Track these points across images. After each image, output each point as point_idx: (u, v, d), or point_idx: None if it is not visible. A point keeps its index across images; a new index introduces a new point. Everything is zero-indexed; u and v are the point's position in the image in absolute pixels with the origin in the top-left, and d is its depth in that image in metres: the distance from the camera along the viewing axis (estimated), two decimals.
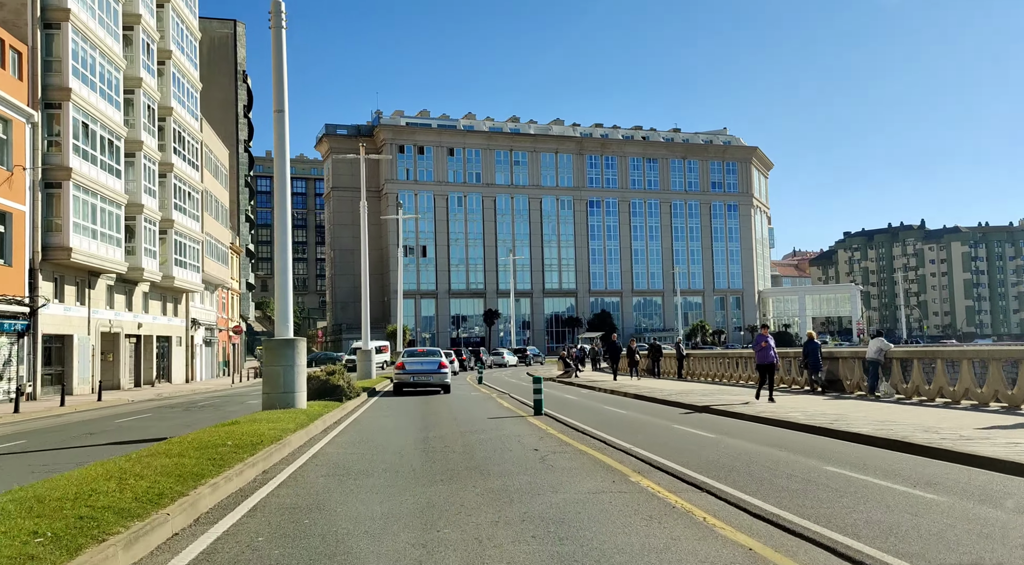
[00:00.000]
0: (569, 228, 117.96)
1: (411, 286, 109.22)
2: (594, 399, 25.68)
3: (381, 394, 30.72)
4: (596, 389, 29.36)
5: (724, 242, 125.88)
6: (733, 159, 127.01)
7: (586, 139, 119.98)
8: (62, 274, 32.88)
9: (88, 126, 33.05)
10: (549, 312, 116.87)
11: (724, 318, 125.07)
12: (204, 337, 54.63)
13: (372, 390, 30.29)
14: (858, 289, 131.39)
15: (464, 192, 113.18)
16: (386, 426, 17.30)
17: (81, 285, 34.67)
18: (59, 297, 32.62)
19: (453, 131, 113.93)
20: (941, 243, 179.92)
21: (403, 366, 31.09)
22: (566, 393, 28.55)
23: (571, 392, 29.21)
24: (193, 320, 50.33)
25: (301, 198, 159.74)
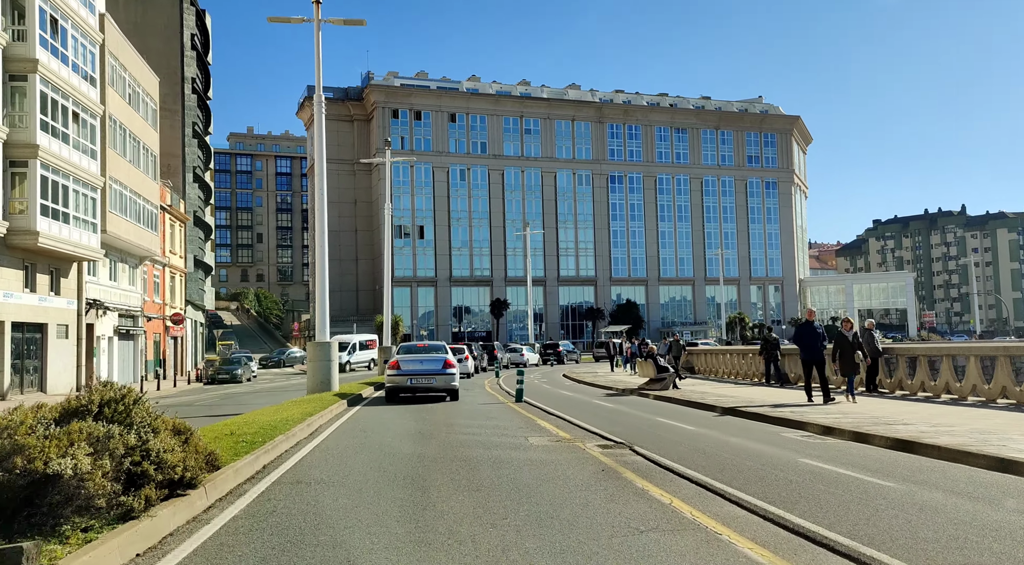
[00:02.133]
0: (587, 207, 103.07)
1: (406, 272, 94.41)
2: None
3: (367, 402, 21.19)
4: (761, 416, 14.21)
5: (762, 224, 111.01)
6: (772, 130, 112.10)
7: (606, 105, 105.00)
8: None
9: None
10: (564, 303, 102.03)
11: (763, 310, 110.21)
12: (118, 327, 39.68)
13: (356, 397, 21.44)
14: (912, 277, 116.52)
15: (467, 164, 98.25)
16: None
17: None
18: None
19: (455, 93, 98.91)
20: (985, 230, 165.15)
21: (398, 365, 21.93)
22: (744, 436, 12.92)
23: (739, 428, 13.62)
24: (92, 302, 35.41)
25: (285, 179, 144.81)
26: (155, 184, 43.65)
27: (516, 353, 49.40)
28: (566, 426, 13.75)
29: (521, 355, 49.33)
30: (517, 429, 13.27)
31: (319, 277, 22.31)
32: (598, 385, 26.74)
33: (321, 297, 22.15)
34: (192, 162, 55.79)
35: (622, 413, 15.77)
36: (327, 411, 15.73)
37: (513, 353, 49.40)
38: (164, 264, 48.27)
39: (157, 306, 47.23)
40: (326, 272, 22.11)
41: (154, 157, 43.66)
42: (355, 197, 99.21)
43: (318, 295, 22.28)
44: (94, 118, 33.61)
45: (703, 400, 17.60)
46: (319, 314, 22.29)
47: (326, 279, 22.17)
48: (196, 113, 57.58)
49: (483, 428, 13.50)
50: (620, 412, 16.13)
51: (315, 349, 21.80)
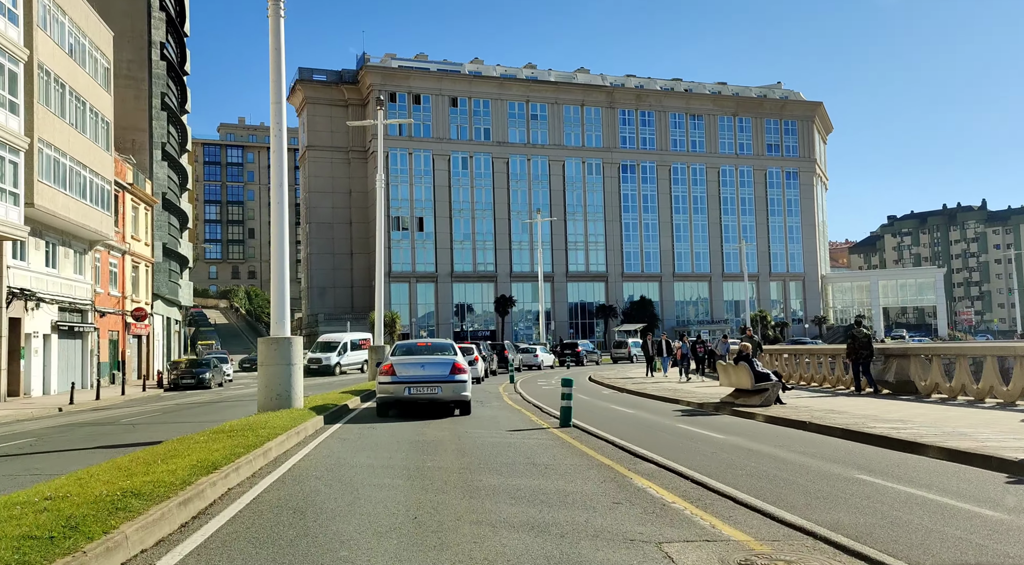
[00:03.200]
0: (598, 197, 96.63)
1: (405, 267, 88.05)
2: None
3: (349, 418, 15.81)
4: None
5: (782, 217, 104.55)
6: (792, 117, 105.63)
7: (618, 89, 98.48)
8: None
9: None
10: (574, 300, 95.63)
11: (784, 307, 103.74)
12: (58, 322, 33.22)
13: (337, 411, 16.25)
14: (941, 272, 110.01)
15: (470, 152, 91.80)
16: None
17: None
18: None
19: (456, 76, 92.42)
20: (1007, 226, 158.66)
21: (392, 370, 16.07)
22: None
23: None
24: (17, 291, 28.97)
25: None
26: (107, 156, 37.17)
27: (529, 354, 42.96)
28: (704, 496, 7.21)
29: (535, 356, 42.92)
30: (611, 505, 6.75)
31: (276, 251, 15.88)
32: (652, 396, 20.30)
33: (279, 276, 15.72)
34: (161, 138, 49.30)
35: (770, 458, 9.21)
36: (264, 449, 9.29)
37: (526, 354, 42.95)
38: (124, 251, 41.81)
39: (114, 300, 40.78)
40: (285, 245, 15.73)
41: (106, 124, 37.18)
42: (350, 187, 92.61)
43: (275, 274, 15.85)
44: (14, 64, 27.15)
45: (877, 430, 11.08)
46: (276, 299, 15.80)
47: (285, 252, 15.76)
48: (167, 84, 51.09)
49: (537, 498, 7.01)
50: (761, 455, 9.57)
51: (268, 349, 15.32)
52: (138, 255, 44.47)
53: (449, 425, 14.02)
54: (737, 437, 11.39)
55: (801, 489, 7.38)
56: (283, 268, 15.67)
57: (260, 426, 11.47)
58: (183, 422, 17.95)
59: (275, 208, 15.79)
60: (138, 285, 44.79)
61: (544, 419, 15.07)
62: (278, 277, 15.71)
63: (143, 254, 45.55)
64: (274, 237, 15.82)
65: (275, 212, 15.79)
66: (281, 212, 15.75)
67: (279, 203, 15.82)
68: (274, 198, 15.83)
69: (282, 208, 15.76)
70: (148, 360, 46.23)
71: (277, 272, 15.74)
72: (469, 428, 13.08)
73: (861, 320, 23.39)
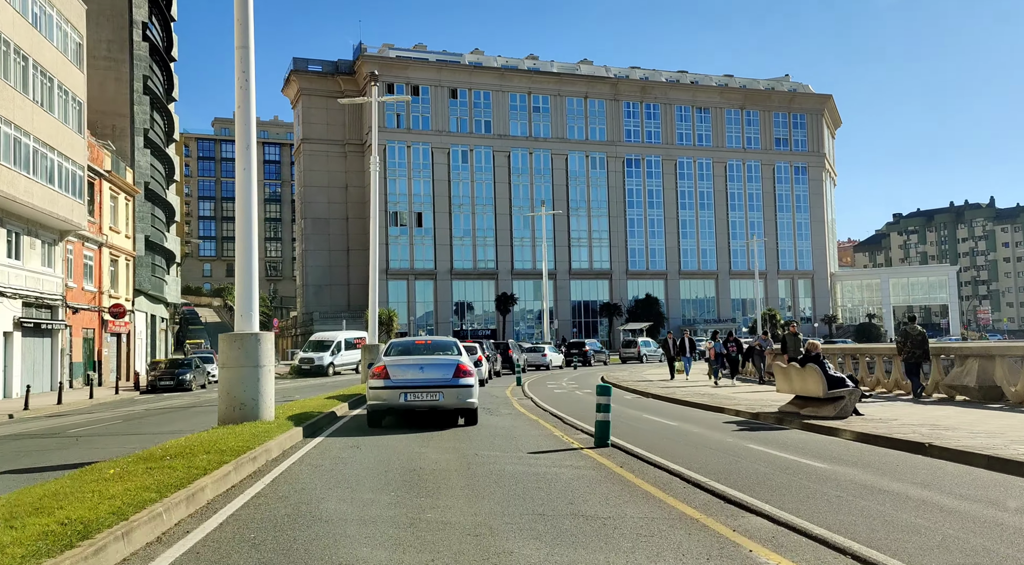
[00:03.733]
0: (602, 192, 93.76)
1: (403, 264, 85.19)
2: None
3: (332, 431, 13.12)
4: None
5: (790, 213, 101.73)
6: (801, 110, 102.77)
7: (622, 81, 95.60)
8: None
9: None
10: (576, 298, 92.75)
11: (793, 306, 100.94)
12: (22, 319, 30.35)
13: (320, 421, 13.59)
14: (955, 270, 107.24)
15: (470, 145, 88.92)
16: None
17: None
18: None
19: (456, 67, 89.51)
20: (1016, 223, 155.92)
21: (385, 372, 13.46)
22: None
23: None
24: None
25: (274, 167, 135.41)
26: (79, 139, 34.29)
27: (537, 353, 40.12)
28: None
29: (543, 355, 40.07)
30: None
31: (242, 231, 13.03)
32: (688, 402, 17.47)
33: (244, 260, 12.89)
34: (143, 124, 46.41)
35: (931, 508, 6.18)
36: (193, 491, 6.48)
37: (533, 353, 40.10)
38: (100, 243, 38.94)
39: (90, 295, 37.91)
40: (253, 222, 12.89)
41: (78, 104, 34.30)
42: (347, 181, 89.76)
43: (240, 257, 13.00)
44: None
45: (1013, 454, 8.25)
46: (241, 287, 12.93)
47: (253, 231, 12.91)
48: (150, 67, 48.20)
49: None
50: (907, 500, 6.48)
51: (230, 347, 12.47)
52: (117, 248, 41.59)
53: (453, 441, 11.20)
54: (844, 466, 8.54)
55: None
56: (250, 250, 12.83)
57: (204, 449, 8.64)
58: (137, 434, 15.16)
59: (240, 181, 12.95)
60: (117, 280, 41.91)
61: (569, 433, 12.25)
62: (244, 261, 12.86)
63: (123, 247, 42.67)
64: (239, 214, 12.99)
65: (240, 186, 12.96)
66: (247, 186, 12.92)
67: (245, 178, 12.98)
68: (239, 167, 12.97)
69: (248, 181, 12.92)
70: (128, 360, 43.37)
71: (243, 255, 12.90)
72: (480, 448, 10.25)
73: (914, 316, 20.58)
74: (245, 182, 12.87)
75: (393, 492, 7.20)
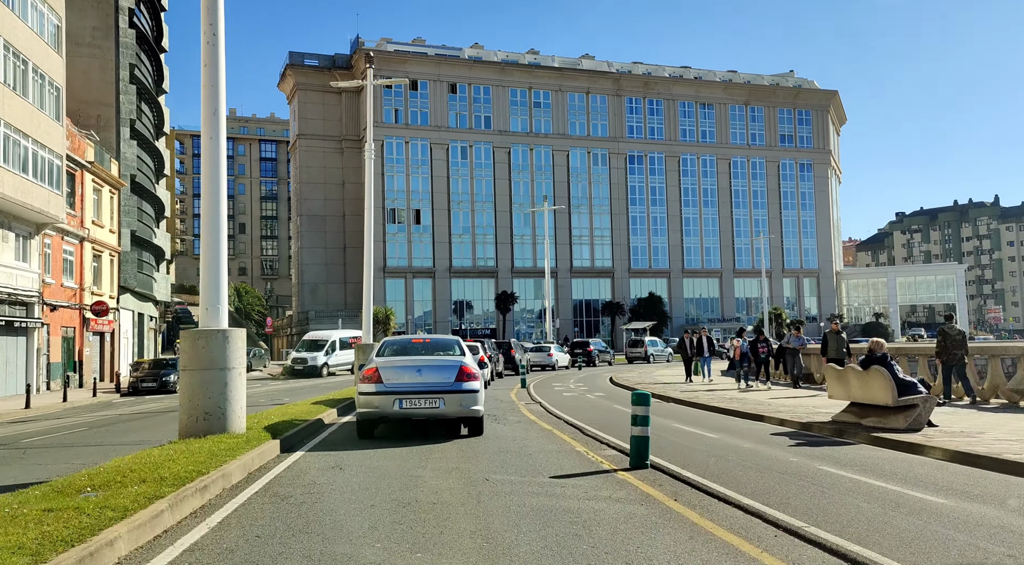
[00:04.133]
0: (603, 189, 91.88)
1: (401, 262, 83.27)
2: None
3: (312, 446, 11.10)
4: None
5: (796, 210, 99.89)
6: (807, 106, 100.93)
7: (624, 76, 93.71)
8: None
9: None
10: (578, 297, 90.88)
11: (798, 305, 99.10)
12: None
13: (301, 430, 11.97)
14: (963, 268, 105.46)
15: (469, 140, 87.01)
16: None
17: None
18: None
19: (455, 61, 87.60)
20: (1021, 222, 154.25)
21: (378, 375, 11.67)
22: None
23: None
24: None
25: (270, 165, 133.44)
26: (57, 126, 32.36)
27: (542, 353, 38.23)
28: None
29: (548, 355, 38.20)
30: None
31: (208, 209, 11.14)
32: (718, 409, 15.61)
33: (212, 243, 11.01)
34: (129, 114, 44.47)
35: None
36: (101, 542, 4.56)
37: (538, 353, 38.21)
38: (82, 238, 37.01)
39: (70, 292, 35.99)
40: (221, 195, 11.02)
41: (56, 89, 32.38)
42: (343, 178, 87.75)
43: (206, 239, 11.11)
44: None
45: None
46: (207, 275, 11.04)
47: (221, 208, 11.05)
48: (137, 55, 46.27)
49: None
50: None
51: (192, 346, 10.58)
52: (101, 243, 39.67)
53: (457, 459, 9.34)
54: (971, 502, 6.63)
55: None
56: (217, 231, 10.95)
57: (141, 476, 6.76)
58: (95, 445, 13.31)
59: (207, 152, 11.07)
60: (100, 276, 39.98)
61: (593, 448, 10.37)
62: (210, 243, 10.98)
63: (107, 242, 40.75)
64: (205, 189, 11.12)
65: (207, 158, 11.08)
66: (215, 158, 11.04)
67: (213, 148, 11.10)
68: (205, 136, 11.09)
69: (217, 152, 11.06)
70: (113, 360, 41.46)
71: (210, 236, 11.01)
72: (490, 469, 8.39)
73: (951, 315, 18.79)
74: (213, 153, 11.00)
75: (380, 543, 5.32)
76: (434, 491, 7.26)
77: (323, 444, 11.26)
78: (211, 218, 10.92)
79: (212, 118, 10.96)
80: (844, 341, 17.20)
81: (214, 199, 10.94)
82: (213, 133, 10.96)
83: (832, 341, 17.17)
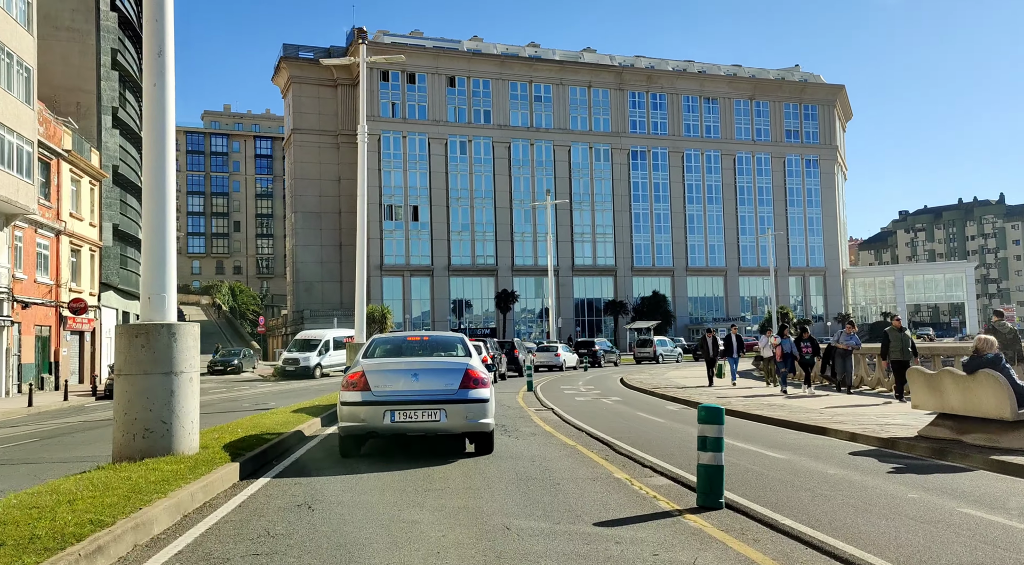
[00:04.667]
0: (606, 186, 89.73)
1: (398, 260, 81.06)
2: None
3: (283, 468, 9.00)
4: None
5: (802, 207, 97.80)
6: (813, 101, 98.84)
7: (627, 70, 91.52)
8: None
9: None
10: (579, 296, 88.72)
11: (804, 304, 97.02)
12: None
13: (272, 446, 9.80)
14: (972, 266, 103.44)
15: (468, 135, 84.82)
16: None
17: None
18: None
19: (454, 53, 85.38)
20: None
21: (365, 382, 9.32)
22: None
23: None
24: None
25: (265, 161, 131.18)
26: (28, 110, 30.16)
27: (549, 353, 36.09)
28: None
29: (556, 355, 36.06)
30: None
31: (152, 168, 8.93)
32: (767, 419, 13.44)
33: (155, 212, 8.78)
34: (111, 102, 42.29)
35: None
36: None
37: (545, 353, 36.06)
38: (58, 231, 34.80)
39: (45, 288, 33.77)
40: (167, 149, 8.80)
41: (27, 70, 30.17)
42: (339, 174, 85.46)
43: (150, 210, 8.89)
44: None
45: None
46: (150, 254, 8.87)
47: (167, 167, 8.85)
48: (119, 40, 44.07)
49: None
50: None
51: (129, 343, 8.39)
52: (79, 236, 37.44)
53: (464, 493, 7.18)
54: None
55: None
56: (163, 200, 8.76)
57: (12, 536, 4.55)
58: (35, 462, 11.18)
59: (150, 97, 8.89)
60: (80, 272, 37.76)
61: (634, 472, 8.22)
62: (154, 215, 8.80)
63: (86, 235, 38.52)
64: (147, 139, 8.93)
65: (150, 103, 8.90)
66: (161, 104, 8.85)
67: (158, 96, 8.91)
68: (147, 81, 8.90)
69: (163, 97, 8.86)
70: (94, 361, 39.23)
71: (153, 204, 8.82)
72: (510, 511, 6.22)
73: (1001, 312, 16.64)
74: (158, 101, 8.82)
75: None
76: (435, 551, 5.09)
77: (296, 467, 9.08)
78: (155, 181, 8.73)
79: (156, 60, 8.77)
80: (909, 339, 14.96)
81: (158, 160, 8.75)
82: (158, 78, 8.77)
83: (895, 340, 14.94)
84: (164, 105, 8.78)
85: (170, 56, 8.82)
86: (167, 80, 8.81)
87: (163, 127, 8.78)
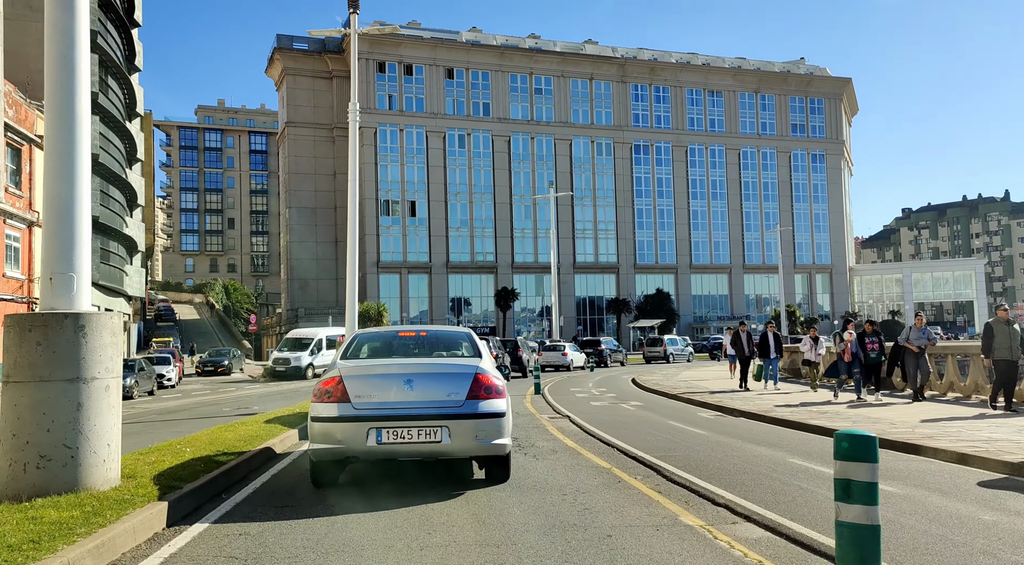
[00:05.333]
0: (608, 180, 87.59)
1: (395, 256, 78.93)
2: None
3: (228, 510, 6.48)
4: None
5: (808, 203, 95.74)
6: (819, 94, 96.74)
7: (630, 62, 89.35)
8: None
9: None
10: (581, 294, 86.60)
11: (810, 302, 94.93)
12: None
13: (226, 472, 7.62)
14: (982, 263, 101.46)
15: (467, 128, 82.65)
16: None
17: None
18: None
19: (453, 44, 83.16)
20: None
21: (343, 391, 6.93)
22: None
23: None
24: None
25: (260, 157, 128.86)
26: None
27: (556, 352, 33.97)
28: None
29: (563, 355, 33.96)
30: None
31: (56, 105, 6.65)
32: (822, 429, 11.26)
33: (62, 163, 6.46)
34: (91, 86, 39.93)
35: None
36: None
37: (552, 352, 33.95)
38: (30, 222, 32.58)
39: (15, 283, 31.55)
40: (80, 86, 6.49)
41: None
42: (334, 168, 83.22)
43: (51, 161, 6.60)
44: None
45: None
46: (53, 221, 6.66)
47: (79, 107, 6.56)
48: (100, 22, 41.59)
49: None
50: None
51: (22, 341, 6.21)
52: None
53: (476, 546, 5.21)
54: None
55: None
56: (72, 143, 6.57)
57: None
58: None
59: (51, 18, 6.70)
60: None
61: (705, 514, 6.09)
62: (60, 165, 6.58)
63: None
64: (49, 66, 6.73)
65: (51, 27, 6.71)
66: (70, 30, 6.65)
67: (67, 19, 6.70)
68: None
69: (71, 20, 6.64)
70: None
71: (57, 149, 6.60)
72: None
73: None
74: (67, 27, 6.59)
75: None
76: None
77: (250, 503, 6.88)
78: (60, 121, 6.53)
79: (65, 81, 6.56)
80: (1018, 334, 12.49)
81: (64, 91, 6.55)
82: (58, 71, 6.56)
83: (1000, 334, 12.49)
84: (73, 30, 6.59)
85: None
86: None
87: (72, 51, 6.58)
